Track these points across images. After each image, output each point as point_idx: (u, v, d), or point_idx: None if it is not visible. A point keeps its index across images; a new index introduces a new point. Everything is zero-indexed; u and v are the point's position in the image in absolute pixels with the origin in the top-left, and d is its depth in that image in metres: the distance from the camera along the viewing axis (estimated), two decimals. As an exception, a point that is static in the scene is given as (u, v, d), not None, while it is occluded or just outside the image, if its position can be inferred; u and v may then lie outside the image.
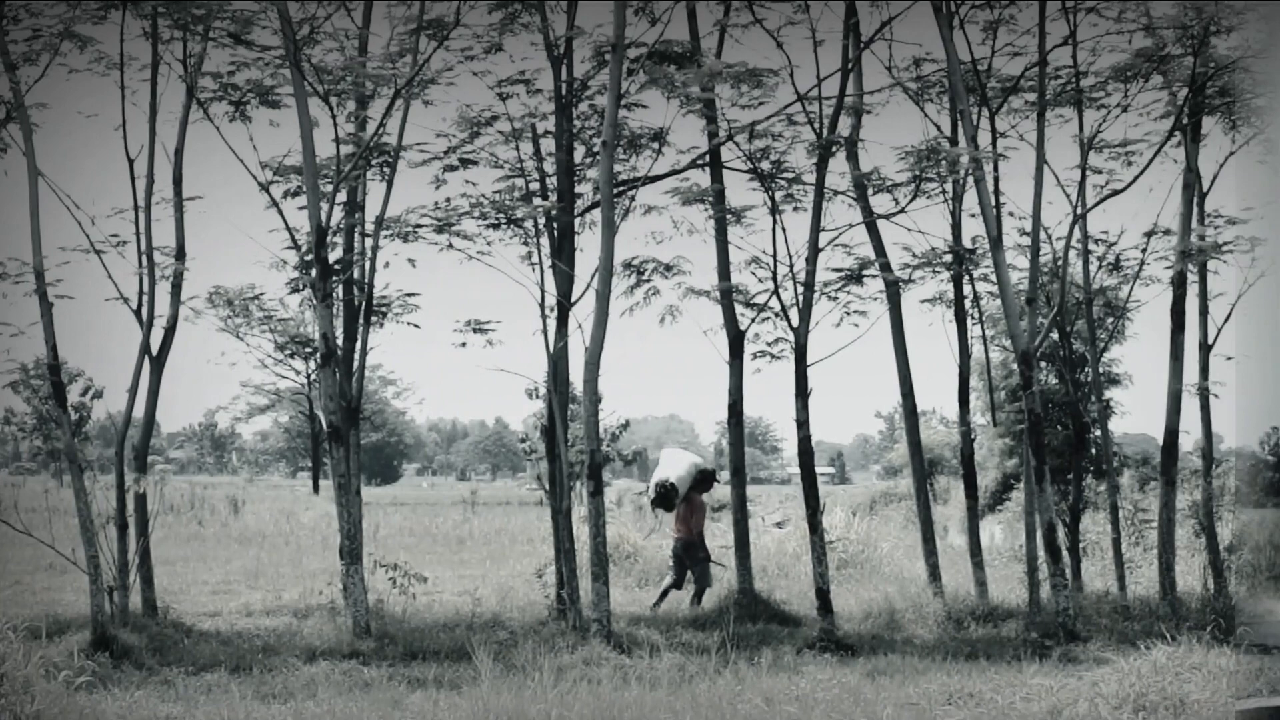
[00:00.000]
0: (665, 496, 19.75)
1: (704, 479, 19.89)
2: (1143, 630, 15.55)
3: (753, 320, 18.45)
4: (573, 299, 17.37)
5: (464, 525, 38.46)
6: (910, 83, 18.58)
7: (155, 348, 17.45)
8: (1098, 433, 20.80)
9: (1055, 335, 19.54)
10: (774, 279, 17.44)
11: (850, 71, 17.52)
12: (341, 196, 17.57)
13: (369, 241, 17.82)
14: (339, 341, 17.27)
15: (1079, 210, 18.02)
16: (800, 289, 17.06)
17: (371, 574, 17.85)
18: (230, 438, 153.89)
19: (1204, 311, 18.97)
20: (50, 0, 16.27)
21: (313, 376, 68.31)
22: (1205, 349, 18.88)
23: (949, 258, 18.71)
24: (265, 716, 11.92)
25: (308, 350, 20.66)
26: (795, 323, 17.01)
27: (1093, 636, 15.91)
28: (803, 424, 16.89)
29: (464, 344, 18.07)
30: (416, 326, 18.56)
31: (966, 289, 19.14)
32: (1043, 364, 21.65)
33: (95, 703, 12.05)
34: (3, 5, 15.93)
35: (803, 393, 16.85)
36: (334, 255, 17.31)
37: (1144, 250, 19.12)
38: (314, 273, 16.34)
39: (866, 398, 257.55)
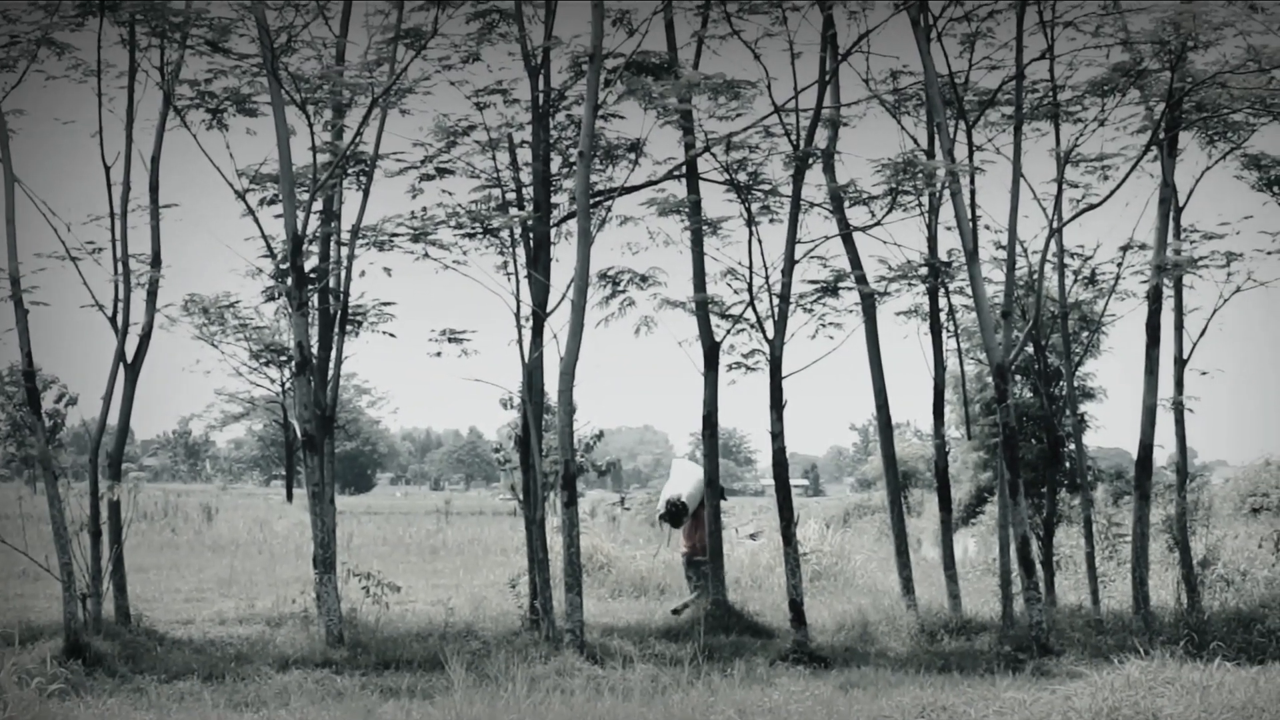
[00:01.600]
0: (675, 514, 19.92)
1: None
2: (1116, 644, 15.58)
3: (728, 332, 18.44)
4: (548, 309, 17.37)
5: (438, 535, 38.38)
6: (887, 95, 18.57)
7: (130, 355, 17.38)
8: (1072, 446, 20.79)
9: (1030, 349, 19.57)
10: (750, 290, 17.43)
11: (828, 84, 17.55)
12: (318, 205, 17.55)
13: (345, 250, 17.80)
14: (314, 350, 17.20)
15: (1055, 224, 18.06)
16: (776, 301, 17.06)
17: (345, 583, 17.79)
18: (204, 446, 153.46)
19: (1179, 326, 19.01)
20: (27, 6, 16.23)
21: (287, 385, 68.08)
22: (1180, 363, 18.92)
23: (925, 270, 18.72)
24: (237, 726, 11.90)
25: (282, 359, 20.66)
26: (770, 334, 17.01)
27: (1066, 650, 15.92)
28: (777, 436, 16.89)
29: (439, 353, 18.18)
30: (392, 336, 18.60)
31: (942, 302, 19.16)
32: (1018, 377, 21.70)
33: (68, 710, 11.99)
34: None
35: (777, 404, 16.85)
36: (310, 264, 17.27)
37: (1120, 264, 19.18)
38: (289, 281, 16.29)
39: (841, 410, 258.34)
